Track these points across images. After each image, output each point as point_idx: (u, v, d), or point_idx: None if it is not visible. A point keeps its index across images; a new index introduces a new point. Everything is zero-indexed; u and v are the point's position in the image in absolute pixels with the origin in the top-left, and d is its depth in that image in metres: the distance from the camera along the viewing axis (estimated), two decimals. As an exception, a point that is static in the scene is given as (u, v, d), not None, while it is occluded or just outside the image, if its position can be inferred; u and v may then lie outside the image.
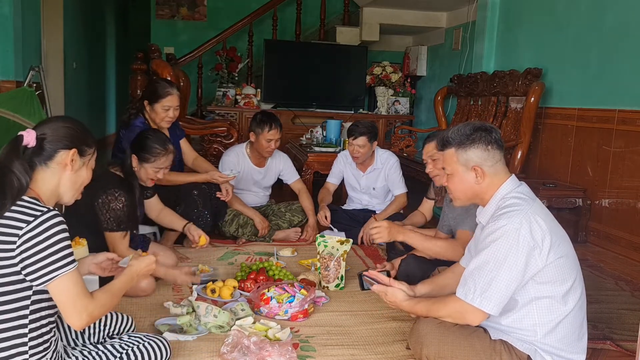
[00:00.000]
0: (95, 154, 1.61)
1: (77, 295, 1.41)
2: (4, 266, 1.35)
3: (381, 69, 6.15)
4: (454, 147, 1.75)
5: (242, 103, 5.72)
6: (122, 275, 1.65)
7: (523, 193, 1.71)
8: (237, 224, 3.48)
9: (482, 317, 1.64)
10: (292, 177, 3.80)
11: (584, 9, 4.05)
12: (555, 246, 1.62)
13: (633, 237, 3.54)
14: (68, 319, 1.43)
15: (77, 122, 1.58)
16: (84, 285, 1.45)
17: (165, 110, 3.10)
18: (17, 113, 3.40)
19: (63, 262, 1.38)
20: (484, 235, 1.67)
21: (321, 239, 2.77)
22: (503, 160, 1.76)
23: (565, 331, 1.66)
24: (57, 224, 1.38)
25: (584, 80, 4.02)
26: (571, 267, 1.67)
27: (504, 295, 1.60)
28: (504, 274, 1.59)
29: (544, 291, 1.64)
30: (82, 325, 1.44)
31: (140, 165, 2.62)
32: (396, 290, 1.86)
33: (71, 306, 1.41)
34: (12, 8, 4.23)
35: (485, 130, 1.73)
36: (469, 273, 1.65)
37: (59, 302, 1.41)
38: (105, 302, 1.51)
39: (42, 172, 1.48)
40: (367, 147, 3.49)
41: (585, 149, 3.99)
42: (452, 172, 1.78)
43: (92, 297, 1.46)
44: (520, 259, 1.58)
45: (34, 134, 1.46)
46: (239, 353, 1.86)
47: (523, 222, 1.60)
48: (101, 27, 8.85)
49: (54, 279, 1.37)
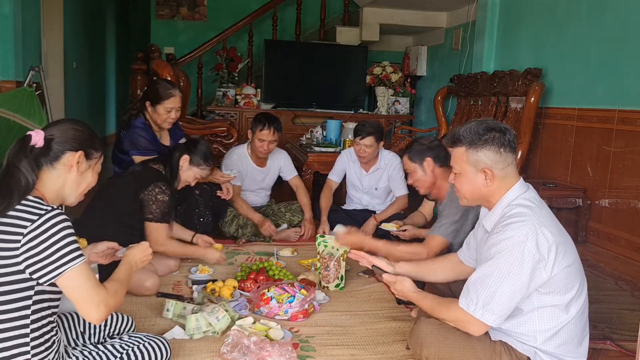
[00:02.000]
0: (101, 159, 1.63)
1: (91, 287, 1.42)
2: (6, 265, 1.36)
3: (381, 69, 6.15)
4: (465, 146, 1.69)
5: (242, 103, 5.72)
6: (122, 265, 1.66)
7: (530, 200, 1.66)
8: (237, 225, 3.48)
9: (484, 329, 1.63)
10: (291, 174, 3.80)
11: (584, 9, 4.05)
12: (560, 257, 1.59)
13: (633, 237, 3.54)
14: (86, 314, 1.44)
15: (86, 125, 1.59)
16: (95, 277, 1.46)
17: (168, 112, 3.10)
18: (17, 113, 3.41)
19: (71, 256, 1.39)
20: (489, 245, 1.64)
21: (321, 239, 2.77)
22: (514, 163, 1.70)
23: (566, 338, 1.65)
24: (62, 221, 1.39)
25: (584, 80, 4.02)
26: (575, 276, 1.64)
27: (507, 307, 1.59)
28: (507, 287, 1.56)
29: (547, 301, 1.62)
30: (101, 318, 1.44)
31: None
32: (405, 279, 1.87)
33: (88, 299, 1.42)
34: (12, 8, 4.24)
35: (499, 131, 1.66)
36: (472, 283, 1.63)
37: (73, 297, 1.42)
38: (117, 290, 1.52)
39: (48, 172, 1.49)
40: (374, 147, 3.50)
41: (585, 149, 3.99)
42: (461, 171, 1.73)
43: (105, 287, 1.48)
44: (525, 273, 1.55)
45: (42, 134, 1.47)
46: (239, 353, 1.86)
47: (529, 234, 1.56)
48: (101, 27, 8.85)
49: (63, 273, 1.37)
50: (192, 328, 2.08)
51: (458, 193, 1.80)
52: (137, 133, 3.07)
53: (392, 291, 1.91)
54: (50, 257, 1.36)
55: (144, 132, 3.09)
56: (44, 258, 1.36)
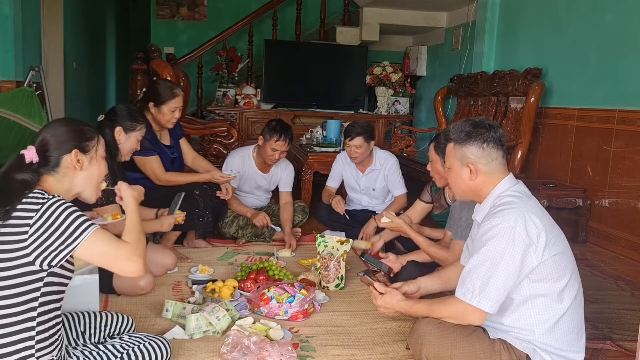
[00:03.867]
0: (99, 141, 1.63)
1: (115, 247, 1.46)
2: (15, 258, 1.36)
3: (381, 69, 6.15)
4: (453, 142, 1.78)
5: (242, 103, 5.71)
6: (129, 211, 1.68)
7: (519, 191, 1.72)
8: (237, 225, 3.48)
9: (482, 316, 1.64)
10: (287, 187, 3.69)
11: (584, 9, 4.05)
12: (550, 243, 1.63)
13: (633, 237, 3.54)
14: (122, 270, 1.48)
15: (69, 120, 1.60)
16: (113, 236, 1.49)
17: (172, 112, 3.10)
18: (17, 113, 3.41)
19: (83, 227, 1.41)
20: (480, 234, 1.68)
21: (321, 239, 2.78)
22: (501, 159, 1.75)
23: (564, 330, 1.67)
24: (64, 203, 1.42)
25: (584, 80, 4.02)
26: (566, 264, 1.67)
27: (502, 293, 1.61)
28: (501, 272, 1.59)
29: (538, 289, 1.64)
30: (140, 268, 1.49)
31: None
32: (395, 292, 1.88)
33: (117, 258, 1.46)
34: (12, 8, 4.24)
35: (484, 127, 1.73)
36: (467, 273, 1.66)
37: (102, 261, 1.46)
38: (137, 238, 1.56)
39: (52, 177, 1.52)
40: (364, 147, 3.49)
41: (585, 149, 3.99)
42: (450, 166, 1.81)
43: (126, 241, 1.52)
44: (517, 257, 1.59)
45: (33, 150, 1.49)
46: (239, 353, 1.86)
47: (518, 219, 1.60)
48: (101, 27, 8.85)
49: (80, 244, 1.40)
50: (192, 328, 2.08)
51: (450, 188, 1.87)
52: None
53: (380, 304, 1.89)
54: (62, 235, 1.38)
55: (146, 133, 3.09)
56: (56, 239, 1.38)
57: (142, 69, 4.51)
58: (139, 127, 2.68)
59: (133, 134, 2.66)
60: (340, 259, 2.69)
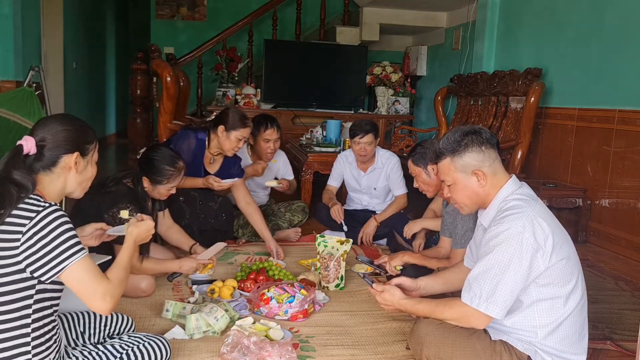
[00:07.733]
0: (96, 146, 1.61)
1: (94, 280, 1.42)
2: (7, 265, 1.35)
3: (381, 69, 6.15)
4: (449, 156, 1.73)
5: (242, 103, 5.72)
6: (125, 247, 1.63)
7: (524, 194, 1.70)
8: (238, 225, 3.48)
9: (488, 321, 1.64)
10: (288, 175, 3.82)
11: (584, 9, 4.05)
12: (557, 248, 1.61)
13: (633, 237, 3.54)
14: (93, 306, 1.43)
15: (74, 120, 1.56)
16: (98, 269, 1.45)
17: (239, 140, 3.13)
18: (17, 113, 3.41)
19: (72, 251, 1.38)
20: (487, 239, 1.66)
21: (321, 239, 2.78)
22: (499, 158, 1.75)
23: (566, 332, 1.66)
24: (60, 216, 1.38)
25: (584, 80, 4.01)
26: (573, 268, 1.66)
27: (509, 299, 1.60)
28: (509, 278, 1.57)
29: (545, 293, 1.63)
30: (109, 309, 1.44)
31: (153, 187, 2.56)
32: (394, 289, 1.87)
33: (92, 292, 1.41)
34: (12, 8, 4.24)
35: (474, 133, 1.72)
36: (474, 277, 1.64)
37: (78, 291, 1.41)
38: (120, 278, 1.51)
39: (46, 176, 1.49)
40: (373, 145, 3.51)
41: (585, 149, 3.98)
42: (453, 181, 1.76)
43: (109, 278, 1.47)
44: (524, 262, 1.57)
45: (33, 141, 1.45)
46: (239, 353, 1.86)
47: (526, 224, 1.59)
48: (101, 27, 8.86)
49: (65, 268, 1.37)
50: (192, 328, 2.08)
51: (457, 204, 1.81)
52: (189, 140, 3.13)
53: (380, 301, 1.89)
54: (50, 253, 1.35)
55: (196, 145, 3.14)
56: (43, 255, 1.35)
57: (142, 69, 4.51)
58: (167, 181, 2.56)
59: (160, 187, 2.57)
60: (340, 259, 2.68)
